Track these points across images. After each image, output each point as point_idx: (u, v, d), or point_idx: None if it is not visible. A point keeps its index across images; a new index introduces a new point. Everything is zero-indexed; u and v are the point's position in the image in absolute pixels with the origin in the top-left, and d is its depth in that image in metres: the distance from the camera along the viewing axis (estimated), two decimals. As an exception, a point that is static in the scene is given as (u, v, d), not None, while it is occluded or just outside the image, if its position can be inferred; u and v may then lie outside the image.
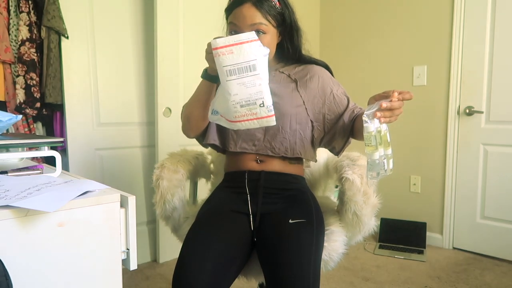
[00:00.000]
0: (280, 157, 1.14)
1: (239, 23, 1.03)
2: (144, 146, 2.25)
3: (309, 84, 1.15)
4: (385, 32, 2.75)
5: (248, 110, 0.92)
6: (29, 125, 1.78)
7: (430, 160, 2.59)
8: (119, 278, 0.70)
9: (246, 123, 0.95)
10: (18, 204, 0.58)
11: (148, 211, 2.28)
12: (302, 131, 1.13)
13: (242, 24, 1.03)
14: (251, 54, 0.89)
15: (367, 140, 0.88)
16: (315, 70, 1.17)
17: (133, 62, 2.17)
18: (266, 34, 1.04)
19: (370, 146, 0.88)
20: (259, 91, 0.90)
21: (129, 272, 2.07)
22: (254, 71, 0.89)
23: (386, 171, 0.91)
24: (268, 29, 1.04)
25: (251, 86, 0.90)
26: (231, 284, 1.02)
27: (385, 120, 0.87)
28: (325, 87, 1.15)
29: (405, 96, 0.87)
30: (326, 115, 1.14)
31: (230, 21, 1.06)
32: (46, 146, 0.88)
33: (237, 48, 0.89)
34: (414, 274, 2.14)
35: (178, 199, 1.26)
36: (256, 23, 1.02)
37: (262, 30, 1.03)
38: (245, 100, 0.91)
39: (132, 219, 0.71)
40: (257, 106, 0.91)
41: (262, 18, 1.02)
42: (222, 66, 0.90)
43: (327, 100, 1.14)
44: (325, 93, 1.15)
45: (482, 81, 2.34)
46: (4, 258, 0.57)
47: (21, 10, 1.69)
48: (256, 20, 1.02)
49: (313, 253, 0.98)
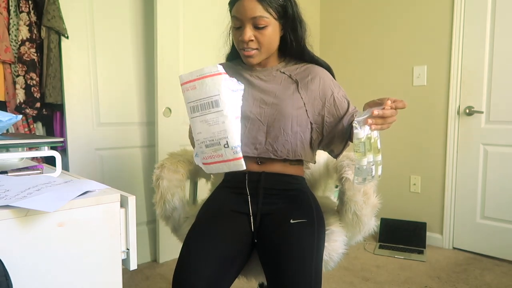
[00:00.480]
0: (281, 159, 1.14)
1: (241, 16, 1.03)
2: (144, 146, 2.25)
3: (310, 86, 1.13)
4: (385, 32, 2.75)
5: (213, 151, 0.85)
6: (29, 125, 1.78)
7: (430, 160, 2.59)
8: (119, 278, 0.70)
9: (215, 166, 0.87)
10: (18, 204, 0.58)
11: (148, 211, 2.28)
12: (302, 133, 1.13)
13: (243, 17, 1.02)
14: (213, 89, 0.82)
15: (356, 146, 0.88)
16: (317, 71, 1.16)
17: (133, 62, 2.17)
18: (267, 27, 1.04)
19: (359, 153, 0.88)
20: (223, 130, 0.83)
21: (129, 272, 2.07)
22: (217, 107, 0.82)
23: (374, 178, 0.91)
24: (269, 22, 1.04)
25: (214, 124, 0.83)
26: (231, 284, 1.02)
27: (376, 127, 0.87)
28: (326, 89, 1.14)
29: (398, 105, 0.87)
30: (325, 117, 1.13)
31: (233, 14, 1.06)
32: (46, 146, 0.88)
33: (199, 82, 0.83)
34: (414, 274, 2.14)
35: (178, 199, 1.26)
36: (257, 16, 1.02)
37: (263, 24, 1.03)
38: (209, 140, 0.84)
39: (132, 219, 0.71)
40: (222, 146, 0.84)
41: (263, 11, 1.02)
42: (187, 102, 0.84)
43: (327, 102, 1.13)
44: (325, 95, 1.13)
45: (482, 81, 2.34)
46: (4, 258, 0.57)
47: (21, 10, 1.69)
48: (257, 13, 1.01)
49: (314, 253, 0.98)
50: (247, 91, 1.15)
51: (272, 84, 1.15)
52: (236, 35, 1.07)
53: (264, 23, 1.03)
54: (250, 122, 1.12)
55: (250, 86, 1.15)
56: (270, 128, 1.11)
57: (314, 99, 1.13)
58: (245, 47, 1.06)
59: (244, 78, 1.17)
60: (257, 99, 1.13)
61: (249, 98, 1.13)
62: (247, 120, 1.12)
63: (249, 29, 1.03)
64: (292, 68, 1.17)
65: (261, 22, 1.02)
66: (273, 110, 1.11)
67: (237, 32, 1.07)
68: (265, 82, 1.15)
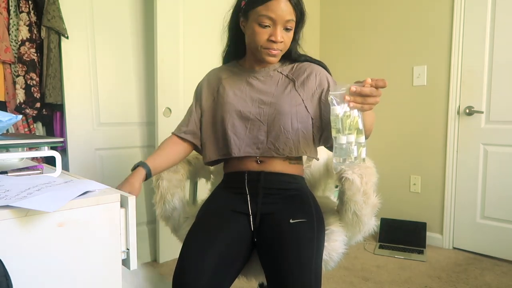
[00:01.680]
0: (281, 158, 1.14)
1: (276, 16, 1.02)
2: (144, 146, 2.25)
3: (307, 83, 1.14)
4: (385, 32, 2.75)
5: None
6: (29, 125, 1.78)
7: (430, 160, 2.59)
8: (119, 278, 0.70)
9: None
10: (18, 204, 0.58)
11: (148, 211, 2.28)
12: (304, 129, 1.13)
13: (278, 18, 1.02)
14: None
15: (333, 122, 0.85)
16: (312, 67, 1.17)
17: (133, 62, 2.17)
18: (292, 30, 1.07)
19: (335, 129, 0.85)
20: None
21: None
22: None
23: (356, 160, 0.87)
24: (293, 25, 1.07)
25: None
26: (231, 284, 1.02)
27: (355, 106, 0.84)
28: (322, 83, 1.14)
29: (378, 83, 0.84)
30: (323, 111, 1.13)
31: (263, 13, 1.02)
32: (46, 146, 0.88)
33: None
34: (414, 274, 2.14)
35: (178, 199, 1.26)
36: (289, 19, 1.04)
37: (291, 26, 1.06)
38: None
39: (132, 219, 0.71)
40: None
41: (293, 14, 1.05)
42: None
43: (323, 97, 1.13)
44: (322, 88, 1.14)
45: (482, 81, 2.34)
46: (4, 258, 0.57)
47: (21, 10, 1.69)
48: (289, 16, 1.04)
49: (314, 253, 0.98)
50: (245, 92, 1.16)
51: (270, 84, 1.16)
52: (263, 33, 1.05)
53: (292, 26, 1.06)
54: (250, 123, 1.13)
55: (249, 87, 1.16)
56: (271, 127, 1.12)
57: (312, 95, 1.14)
58: (274, 47, 1.06)
59: (242, 78, 1.18)
60: (255, 100, 1.14)
61: (248, 99, 1.14)
62: (247, 121, 1.13)
63: (280, 30, 1.05)
64: (288, 68, 1.19)
65: (291, 24, 1.05)
66: (272, 109, 1.12)
67: (264, 30, 1.05)
68: (262, 83, 1.16)
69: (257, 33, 1.06)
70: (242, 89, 1.16)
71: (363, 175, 1.12)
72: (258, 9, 1.03)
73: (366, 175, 1.13)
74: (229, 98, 1.16)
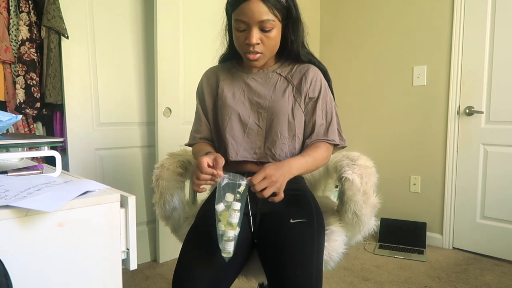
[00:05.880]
0: None
1: (248, 19, 1.00)
2: (144, 146, 2.25)
3: (303, 87, 1.13)
4: (385, 32, 2.75)
5: None
6: (29, 125, 1.78)
7: (430, 160, 2.59)
8: (119, 278, 0.70)
9: None
10: (18, 204, 0.58)
11: (148, 211, 2.28)
12: (300, 134, 1.13)
13: (251, 21, 1.00)
14: None
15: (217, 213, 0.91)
16: (311, 71, 1.15)
17: (133, 62, 2.17)
18: (273, 30, 1.03)
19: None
20: None
21: (129, 272, 2.07)
22: None
23: (224, 250, 0.90)
24: (275, 25, 1.03)
25: None
26: (231, 284, 1.02)
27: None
28: (314, 91, 1.13)
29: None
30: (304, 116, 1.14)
31: (237, 18, 1.02)
32: (46, 146, 0.88)
33: None
34: (414, 274, 2.14)
35: (178, 199, 1.26)
36: (264, 20, 1.00)
37: (270, 27, 1.02)
38: None
39: (132, 219, 0.71)
40: None
41: (270, 13, 1.00)
42: None
43: (310, 104, 1.13)
44: (311, 96, 1.13)
45: (482, 81, 2.34)
46: (4, 258, 0.57)
47: (21, 10, 1.69)
48: (264, 17, 1.00)
49: (315, 253, 0.98)
50: (244, 94, 1.15)
51: (268, 86, 1.14)
52: (240, 38, 1.04)
53: (271, 26, 1.02)
54: (249, 128, 1.13)
55: (247, 89, 1.15)
56: (268, 133, 1.12)
57: (305, 98, 1.13)
58: (251, 51, 1.04)
59: (240, 80, 1.17)
60: (254, 103, 1.13)
61: (246, 103, 1.14)
62: (246, 126, 1.13)
63: (256, 32, 1.02)
64: (288, 69, 1.17)
65: (268, 25, 1.01)
66: (269, 115, 1.11)
67: (241, 34, 1.04)
68: (261, 85, 1.15)
69: (236, 38, 1.06)
70: (241, 91, 1.16)
71: (363, 175, 1.12)
72: (233, 14, 1.04)
73: (366, 175, 1.13)
74: (228, 100, 1.15)
